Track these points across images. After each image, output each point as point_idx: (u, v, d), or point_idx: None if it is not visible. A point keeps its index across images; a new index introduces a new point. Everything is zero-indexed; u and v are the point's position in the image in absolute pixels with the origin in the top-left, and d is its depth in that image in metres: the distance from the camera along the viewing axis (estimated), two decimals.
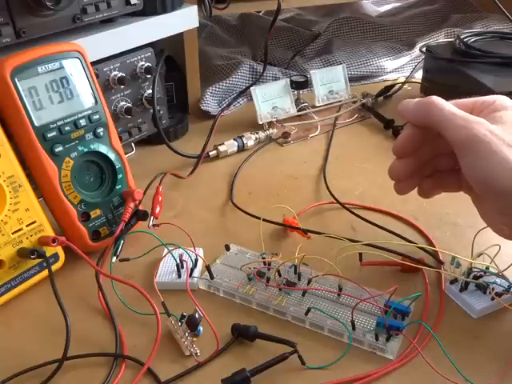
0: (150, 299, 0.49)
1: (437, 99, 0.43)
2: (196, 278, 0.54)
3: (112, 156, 0.60)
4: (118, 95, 0.72)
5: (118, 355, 0.46)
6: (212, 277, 0.53)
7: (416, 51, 1.09)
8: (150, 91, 0.75)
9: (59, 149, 0.55)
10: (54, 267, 0.55)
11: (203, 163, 0.77)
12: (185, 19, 0.81)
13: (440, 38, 1.12)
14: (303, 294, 0.51)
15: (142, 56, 0.73)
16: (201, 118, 0.91)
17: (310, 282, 0.52)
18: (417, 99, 0.44)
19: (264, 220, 0.61)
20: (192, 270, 0.54)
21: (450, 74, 0.89)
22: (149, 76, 0.74)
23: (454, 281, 0.52)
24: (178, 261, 0.54)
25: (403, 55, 1.10)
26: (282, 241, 0.60)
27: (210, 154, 0.78)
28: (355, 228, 0.62)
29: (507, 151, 0.39)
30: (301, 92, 0.92)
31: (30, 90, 0.53)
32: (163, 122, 0.80)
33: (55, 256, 0.55)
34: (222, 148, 0.79)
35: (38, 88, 0.54)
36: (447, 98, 0.46)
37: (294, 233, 0.61)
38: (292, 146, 0.82)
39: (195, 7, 0.81)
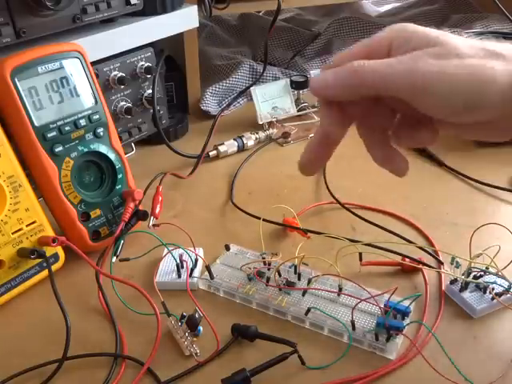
0: (150, 299, 0.49)
1: (356, 62, 0.35)
2: (196, 278, 0.54)
3: (112, 156, 0.60)
4: (118, 95, 0.72)
5: (118, 355, 0.46)
6: (212, 277, 0.53)
7: None
8: (150, 91, 0.75)
9: (59, 149, 0.55)
10: (54, 267, 0.55)
11: (203, 163, 0.77)
12: (185, 19, 0.81)
13: None
14: (303, 294, 0.51)
15: (142, 56, 0.73)
16: (201, 118, 0.91)
17: (309, 281, 0.52)
18: (329, 71, 0.35)
19: (264, 220, 0.61)
20: (192, 269, 0.54)
21: None
22: (149, 76, 0.74)
23: (453, 281, 0.52)
24: (178, 261, 0.54)
25: None
26: (282, 241, 0.60)
27: (210, 154, 0.78)
28: (355, 228, 0.62)
29: (464, 62, 0.33)
30: (301, 92, 0.92)
31: (30, 90, 0.53)
32: (163, 122, 0.80)
33: (55, 256, 0.55)
34: (221, 148, 0.79)
35: (38, 88, 0.54)
36: None
37: (293, 233, 0.61)
38: (292, 145, 0.82)
39: (195, 7, 0.81)
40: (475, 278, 0.51)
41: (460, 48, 0.33)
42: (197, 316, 0.48)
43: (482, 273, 0.51)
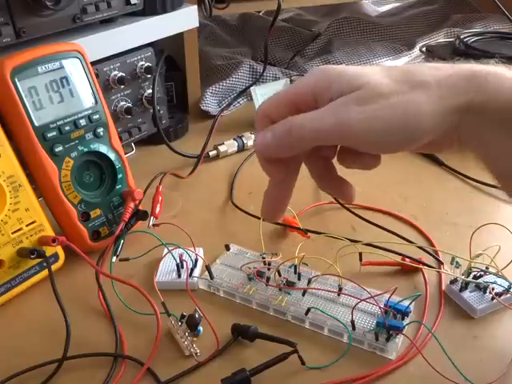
0: (150, 299, 0.49)
1: (289, 122, 0.35)
2: (196, 278, 0.54)
3: (112, 156, 0.60)
4: (118, 95, 0.72)
5: (118, 355, 0.46)
6: (212, 277, 0.53)
7: (416, 51, 1.09)
8: (150, 91, 0.75)
9: (59, 149, 0.55)
10: (54, 267, 0.55)
11: (203, 163, 0.77)
12: (185, 19, 0.81)
13: (440, 37, 1.12)
14: (303, 294, 0.51)
15: (142, 56, 0.73)
16: (201, 118, 0.91)
17: (309, 281, 0.52)
18: (268, 132, 0.36)
19: (264, 220, 0.61)
20: (192, 269, 0.54)
21: None
22: (149, 76, 0.74)
23: (453, 281, 0.52)
24: (178, 261, 0.54)
25: (403, 55, 1.10)
26: (282, 241, 0.60)
27: (210, 153, 0.78)
28: (355, 228, 0.62)
29: (389, 102, 0.33)
30: None
31: (30, 90, 0.53)
32: (163, 121, 0.80)
33: (55, 256, 0.55)
34: (221, 148, 0.79)
35: (38, 88, 0.54)
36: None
37: (294, 233, 0.61)
38: None
39: (195, 7, 0.81)
40: (475, 277, 0.51)
41: (382, 87, 0.33)
42: (197, 316, 0.48)
43: (482, 273, 0.51)
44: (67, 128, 0.56)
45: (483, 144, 0.34)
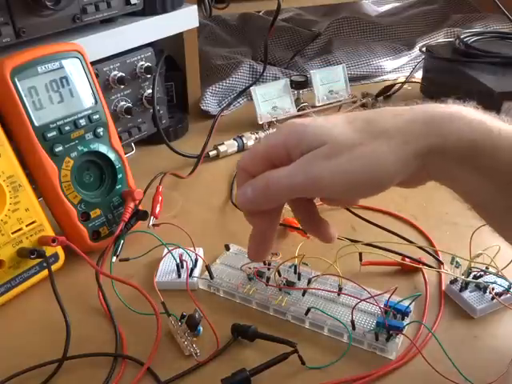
0: (150, 299, 0.49)
1: (265, 177, 0.36)
2: (196, 278, 0.54)
3: (112, 156, 0.60)
4: (118, 95, 0.72)
5: (118, 355, 0.46)
6: (212, 277, 0.53)
7: (416, 51, 1.09)
8: (149, 91, 0.75)
9: (59, 149, 0.55)
10: (54, 267, 0.55)
11: (203, 163, 0.77)
12: (185, 19, 0.81)
13: (440, 37, 1.12)
14: (303, 294, 0.51)
15: (142, 56, 0.73)
16: (201, 118, 0.91)
17: (309, 281, 0.52)
18: (248, 187, 0.37)
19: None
20: (192, 269, 0.54)
21: (450, 74, 0.89)
22: (149, 76, 0.74)
23: (453, 281, 0.52)
24: (178, 261, 0.54)
25: (403, 55, 1.10)
26: (282, 241, 0.60)
27: (210, 153, 0.78)
28: (355, 228, 0.62)
29: (354, 154, 0.34)
30: (301, 92, 0.92)
31: (30, 90, 0.53)
32: (163, 121, 0.80)
33: (55, 256, 0.55)
34: (221, 148, 0.79)
35: (38, 88, 0.54)
36: (447, 98, 0.43)
37: (294, 233, 0.61)
38: None
39: (195, 7, 0.81)
40: (475, 277, 0.51)
41: (346, 140, 0.35)
42: (197, 316, 0.48)
43: (482, 273, 0.51)
44: (67, 128, 0.56)
45: (453, 179, 0.36)
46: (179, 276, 0.54)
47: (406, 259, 0.54)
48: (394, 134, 0.34)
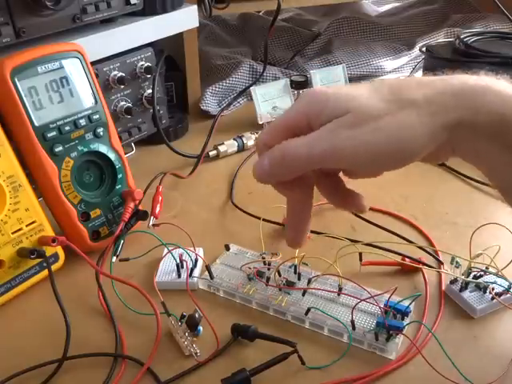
0: (150, 299, 0.49)
1: (282, 147, 0.35)
2: (196, 278, 0.54)
3: (112, 156, 0.60)
4: (118, 95, 0.72)
5: (118, 355, 0.46)
6: (212, 277, 0.53)
7: (416, 51, 1.09)
8: (149, 91, 0.75)
9: (59, 149, 0.55)
10: (54, 267, 0.55)
11: (203, 163, 0.77)
12: (185, 19, 0.81)
13: (440, 37, 1.12)
14: (303, 294, 0.51)
15: (142, 56, 0.73)
16: (201, 118, 0.91)
17: (309, 281, 0.52)
18: (265, 159, 0.36)
19: (264, 220, 0.61)
20: (192, 269, 0.54)
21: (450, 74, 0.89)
22: (149, 76, 0.74)
23: (453, 281, 0.51)
24: (178, 261, 0.54)
25: (403, 55, 1.10)
26: (282, 241, 0.60)
27: (210, 153, 0.78)
28: (355, 228, 0.62)
29: (379, 124, 0.33)
30: (301, 92, 0.92)
31: (30, 90, 0.53)
32: (163, 121, 0.80)
33: (55, 256, 0.55)
34: (221, 148, 0.79)
35: (38, 88, 0.54)
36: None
37: None
38: None
39: (195, 7, 0.81)
40: (475, 277, 0.51)
41: (371, 109, 0.33)
42: (197, 316, 0.48)
43: (482, 273, 0.51)
44: (67, 128, 0.56)
45: (479, 155, 0.34)
46: (179, 276, 0.54)
47: (406, 259, 0.54)
48: (422, 105, 0.33)
